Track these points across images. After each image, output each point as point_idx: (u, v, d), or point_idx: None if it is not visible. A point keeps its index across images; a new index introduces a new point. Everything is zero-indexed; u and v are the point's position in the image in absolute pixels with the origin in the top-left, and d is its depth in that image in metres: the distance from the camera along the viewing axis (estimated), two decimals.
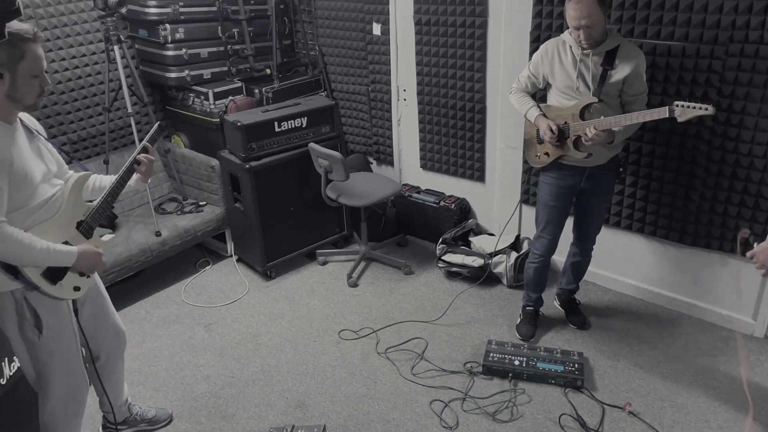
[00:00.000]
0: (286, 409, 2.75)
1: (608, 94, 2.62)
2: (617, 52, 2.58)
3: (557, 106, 2.74)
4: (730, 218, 2.95)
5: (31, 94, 1.86)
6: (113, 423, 2.55)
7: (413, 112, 4.07)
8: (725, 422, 2.56)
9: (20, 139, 1.90)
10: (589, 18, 2.45)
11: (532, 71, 2.80)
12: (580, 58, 2.61)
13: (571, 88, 2.67)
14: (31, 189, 1.89)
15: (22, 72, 1.81)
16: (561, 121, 2.70)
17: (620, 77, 2.58)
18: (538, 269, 3.06)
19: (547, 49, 2.72)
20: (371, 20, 4.06)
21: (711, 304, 3.17)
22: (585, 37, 2.51)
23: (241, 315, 3.46)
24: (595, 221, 2.99)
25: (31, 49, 1.81)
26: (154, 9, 3.81)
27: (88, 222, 2.08)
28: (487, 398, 2.73)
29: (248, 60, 4.27)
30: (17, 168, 1.83)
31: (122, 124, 4.08)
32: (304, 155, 3.72)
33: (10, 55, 1.77)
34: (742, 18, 2.63)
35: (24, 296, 1.95)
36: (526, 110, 2.82)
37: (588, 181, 2.82)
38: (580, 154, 2.69)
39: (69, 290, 2.04)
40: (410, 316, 3.37)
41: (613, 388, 2.76)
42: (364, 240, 3.91)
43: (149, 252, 3.51)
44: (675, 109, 2.37)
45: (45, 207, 1.96)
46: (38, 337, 2.01)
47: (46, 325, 2.00)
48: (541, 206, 2.95)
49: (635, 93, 2.62)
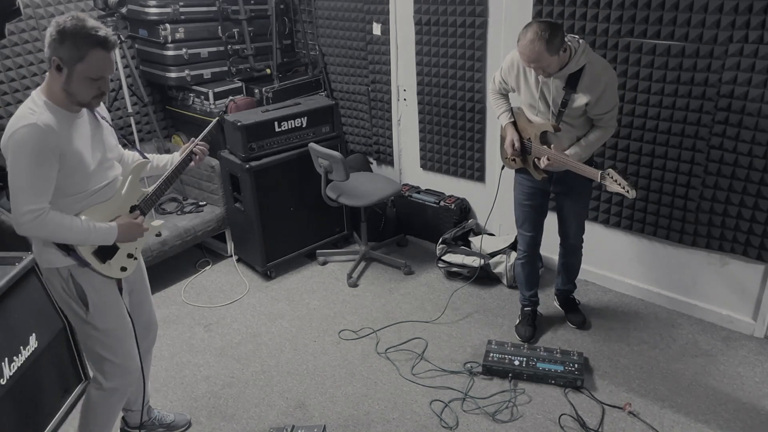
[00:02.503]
0: (286, 409, 2.75)
1: (571, 116, 2.60)
2: (582, 75, 2.49)
3: (526, 117, 2.76)
4: (730, 218, 2.95)
5: (85, 94, 1.86)
6: (134, 425, 2.54)
7: (413, 112, 4.07)
8: (725, 422, 2.56)
9: (81, 127, 1.93)
10: (537, 62, 2.41)
11: (503, 77, 2.78)
12: (542, 79, 2.57)
13: (533, 106, 2.68)
14: (86, 175, 1.93)
15: (79, 73, 1.81)
16: (527, 135, 2.73)
17: (582, 103, 2.52)
18: (525, 264, 3.09)
19: (513, 62, 2.68)
20: (371, 20, 4.06)
21: (711, 304, 3.17)
22: (539, 72, 2.49)
23: (241, 315, 3.46)
24: (574, 223, 2.98)
25: (96, 54, 1.81)
26: (154, 9, 3.81)
27: (141, 207, 2.12)
28: (487, 398, 2.73)
29: (248, 60, 4.27)
30: (71, 155, 1.86)
31: (122, 124, 4.08)
32: (304, 155, 3.72)
33: (70, 54, 1.78)
34: (742, 18, 2.63)
35: (70, 273, 1.99)
36: (498, 114, 2.85)
37: (558, 185, 2.84)
38: (537, 174, 2.74)
39: (117, 270, 2.08)
40: (410, 316, 3.37)
41: (613, 388, 2.76)
42: (364, 240, 3.91)
43: (149, 252, 3.51)
44: (606, 178, 2.42)
45: (100, 192, 2.00)
46: (85, 313, 2.05)
47: (92, 301, 2.03)
48: (516, 205, 2.99)
49: (599, 113, 2.57)
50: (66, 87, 1.83)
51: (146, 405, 2.57)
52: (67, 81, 1.82)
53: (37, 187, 1.82)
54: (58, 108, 1.86)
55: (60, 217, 1.87)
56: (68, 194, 1.91)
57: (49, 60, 1.81)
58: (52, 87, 1.85)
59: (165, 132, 4.29)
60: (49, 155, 1.80)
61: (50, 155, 1.81)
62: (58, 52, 1.78)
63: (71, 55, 1.78)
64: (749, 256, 2.94)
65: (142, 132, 4.19)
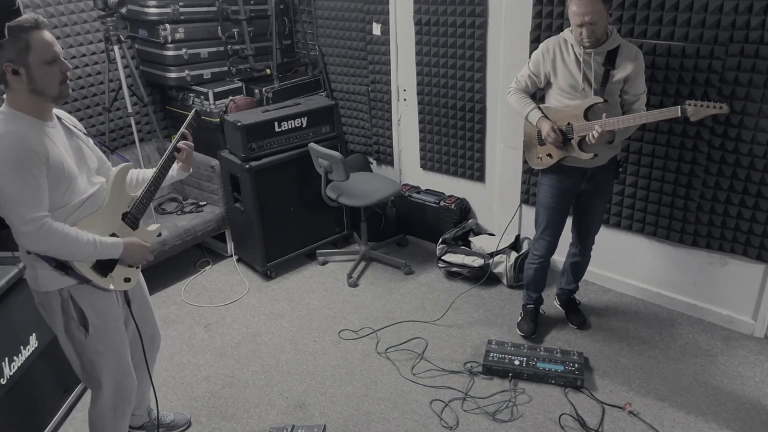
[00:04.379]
0: (286, 409, 2.75)
1: (610, 93, 2.62)
2: (618, 52, 2.58)
3: (558, 107, 2.71)
4: (730, 218, 2.95)
5: (52, 83, 1.81)
6: (136, 427, 2.54)
7: (413, 112, 4.07)
8: (725, 422, 2.56)
9: (57, 136, 1.88)
10: (592, 14, 2.44)
11: (532, 70, 2.76)
12: (583, 57, 2.60)
13: (574, 87, 2.65)
14: (69, 186, 1.87)
15: (34, 62, 1.76)
16: (563, 122, 2.68)
17: (622, 77, 2.57)
18: (538, 270, 3.06)
19: (548, 47, 2.70)
20: (371, 20, 4.06)
21: (711, 304, 3.17)
22: (587, 34, 2.50)
23: (241, 315, 3.46)
24: (595, 221, 2.98)
25: (36, 36, 1.76)
26: (154, 9, 3.81)
27: (133, 213, 2.08)
28: (487, 398, 2.73)
29: (248, 60, 4.27)
30: (54, 163, 1.80)
31: (122, 124, 4.08)
32: (304, 155, 3.72)
33: (17, 49, 1.74)
34: (742, 18, 2.63)
35: (70, 294, 1.95)
36: (527, 112, 2.78)
37: (588, 182, 2.81)
38: (585, 155, 2.67)
39: (120, 282, 2.04)
40: (410, 316, 3.37)
41: (613, 388, 2.76)
42: (364, 240, 3.91)
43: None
44: (687, 108, 2.36)
45: (87, 203, 1.94)
46: (85, 336, 2.01)
47: (92, 324, 2.00)
48: (541, 208, 2.94)
49: (636, 93, 2.62)
50: (32, 86, 1.78)
51: (147, 408, 2.58)
52: (30, 79, 1.77)
53: (33, 195, 1.75)
54: (27, 117, 1.80)
55: (64, 227, 1.81)
56: (55, 207, 1.84)
57: (1, 74, 1.76)
58: (15, 97, 1.80)
59: (165, 132, 4.28)
60: (35, 159, 1.75)
61: (35, 159, 1.75)
62: (4, 57, 1.74)
63: (18, 50, 1.74)
64: (749, 256, 2.94)
65: (142, 132, 4.19)
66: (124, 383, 2.17)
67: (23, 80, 1.77)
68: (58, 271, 1.89)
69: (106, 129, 3.74)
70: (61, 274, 1.89)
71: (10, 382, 2.30)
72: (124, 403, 2.21)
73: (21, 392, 2.38)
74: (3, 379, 2.26)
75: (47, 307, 1.98)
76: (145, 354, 2.27)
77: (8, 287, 2.34)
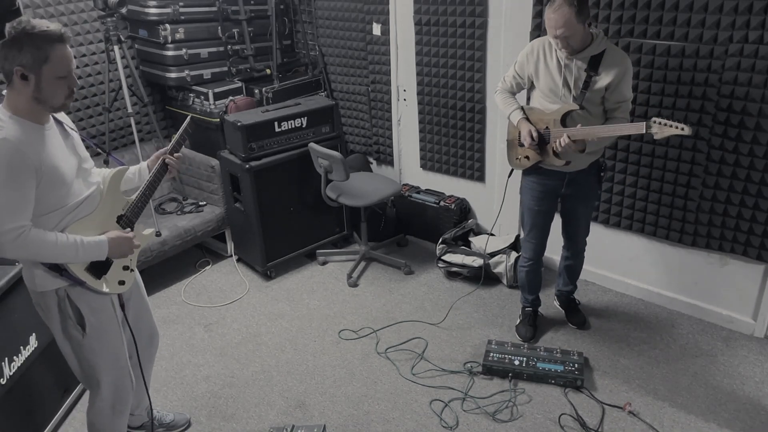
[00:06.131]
0: (286, 409, 2.75)
1: (591, 101, 2.58)
2: (602, 58, 2.53)
3: (540, 109, 2.71)
4: (730, 218, 2.95)
5: (57, 96, 1.80)
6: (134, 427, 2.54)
7: (413, 112, 4.07)
8: (725, 422, 2.56)
9: (53, 138, 1.86)
10: (564, 28, 2.40)
11: (517, 71, 2.76)
12: (564, 62, 2.57)
13: (554, 91, 2.64)
14: (65, 188, 1.86)
15: (47, 74, 1.75)
16: (543, 126, 2.67)
17: (603, 84, 2.53)
18: (529, 272, 3.07)
19: (533, 48, 2.68)
20: (371, 20, 4.06)
21: (711, 304, 3.17)
22: (562, 45, 2.48)
23: (241, 315, 3.46)
24: (581, 225, 2.97)
25: (57, 50, 1.75)
26: (154, 9, 3.81)
27: (128, 216, 2.08)
28: (487, 398, 2.73)
29: (248, 60, 4.27)
30: (48, 168, 1.79)
31: (122, 125, 4.08)
32: (304, 155, 3.72)
33: (34, 57, 1.72)
34: (742, 18, 2.63)
35: (66, 294, 1.95)
36: (509, 112, 2.78)
37: (569, 186, 2.80)
38: (558, 161, 2.67)
39: (114, 284, 2.04)
40: (410, 316, 3.37)
41: (613, 388, 2.76)
42: (364, 240, 3.91)
43: (149, 252, 3.51)
44: (652, 126, 2.34)
45: (82, 206, 1.93)
46: (82, 336, 2.00)
47: (89, 323, 2.00)
48: (525, 210, 2.95)
49: (618, 100, 2.57)
50: (36, 94, 1.76)
51: (146, 408, 2.57)
52: (37, 88, 1.75)
53: (15, 205, 1.73)
54: (25, 121, 1.78)
55: (43, 234, 1.79)
56: (49, 210, 1.83)
57: (9, 73, 1.74)
58: (16, 100, 1.78)
59: (165, 132, 4.28)
60: (25, 170, 1.72)
61: (26, 170, 1.73)
62: (19, 61, 1.71)
63: (35, 59, 1.72)
64: (749, 256, 2.94)
65: (142, 132, 4.19)
66: (122, 382, 2.17)
67: (30, 86, 1.75)
68: (52, 273, 1.89)
69: (106, 129, 3.74)
70: (55, 275, 1.90)
71: (10, 382, 2.30)
72: (122, 403, 2.21)
73: (21, 392, 2.37)
74: (3, 379, 2.26)
75: (44, 307, 1.98)
76: (141, 355, 2.28)
77: (8, 287, 2.34)
